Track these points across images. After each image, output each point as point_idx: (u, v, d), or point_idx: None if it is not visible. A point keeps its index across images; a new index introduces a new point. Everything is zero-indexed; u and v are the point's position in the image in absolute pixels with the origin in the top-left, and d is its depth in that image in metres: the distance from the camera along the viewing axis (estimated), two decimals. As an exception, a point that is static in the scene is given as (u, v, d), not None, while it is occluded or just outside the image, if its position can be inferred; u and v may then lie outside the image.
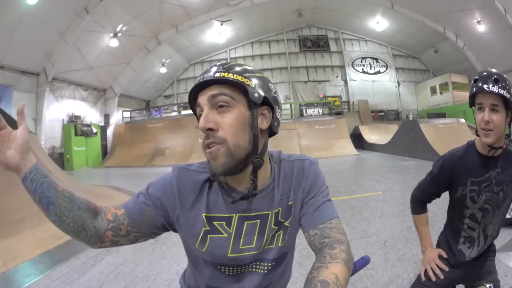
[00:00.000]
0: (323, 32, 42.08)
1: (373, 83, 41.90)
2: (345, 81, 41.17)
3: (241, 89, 1.35)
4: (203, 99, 1.34)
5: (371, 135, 30.51)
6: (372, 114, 39.55)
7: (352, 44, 42.43)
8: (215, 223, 1.42)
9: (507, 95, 2.01)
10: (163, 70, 36.25)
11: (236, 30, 36.56)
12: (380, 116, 39.70)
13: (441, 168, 2.35)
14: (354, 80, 41.43)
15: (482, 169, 2.22)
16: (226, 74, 1.33)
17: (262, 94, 1.39)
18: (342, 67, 41.55)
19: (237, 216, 1.43)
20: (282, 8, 35.03)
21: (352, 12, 37.11)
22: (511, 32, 28.52)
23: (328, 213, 1.45)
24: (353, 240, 6.00)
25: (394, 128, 27.34)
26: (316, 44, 41.45)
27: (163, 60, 35.24)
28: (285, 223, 1.51)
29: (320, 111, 30.91)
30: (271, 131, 1.50)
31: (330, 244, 1.31)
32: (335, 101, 37.82)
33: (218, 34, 35.52)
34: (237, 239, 1.43)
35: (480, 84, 2.05)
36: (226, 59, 39.59)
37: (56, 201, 1.31)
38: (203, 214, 1.42)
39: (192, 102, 1.45)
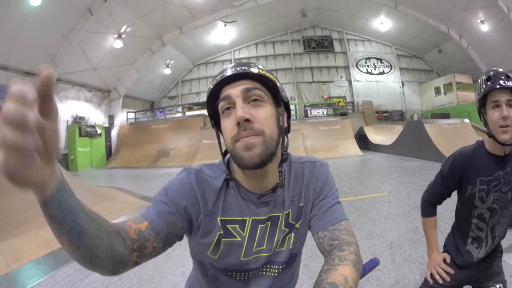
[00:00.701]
0: (327, 32, 42.24)
1: (378, 83, 42.05)
2: (350, 82, 41.31)
3: (270, 86, 1.39)
4: (235, 91, 1.33)
5: (375, 136, 30.58)
6: (377, 114, 39.71)
7: (356, 44, 42.61)
8: (228, 226, 1.41)
9: None
10: (167, 71, 36.47)
11: (241, 31, 36.73)
12: (385, 116, 39.90)
13: (451, 167, 2.34)
14: (358, 81, 41.59)
15: (491, 168, 2.21)
16: (262, 71, 1.36)
17: (286, 95, 1.46)
18: (347, 68, 41.72)
19: (250, 220, 1.42)
20: (286, 8, 35.10)
21: (356, 12, 37.25)
22: None
23: (337, 215, 1.46)
24: (360, 242, 5.83)
25: (398, 128, 27.31)
26: (321, 45, 41.64)
27: (168, 61, 35.42)
28: (296, 225, 1.50)
29: (325, 112, 31.17)
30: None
31: (339, 246, 1.31)
32: (339, 101, 37.98)
33: (222, 35, 35.67)
34: (251, 243, 1.43)
35: (494, 82, 2.04)
36: (231, 60, 39.98)
37: (89, 230, 0.98)
38: (218, 218, 1.40)
39: (211, 98, 1.42)
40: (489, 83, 2.07)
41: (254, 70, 1.35)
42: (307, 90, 40.68)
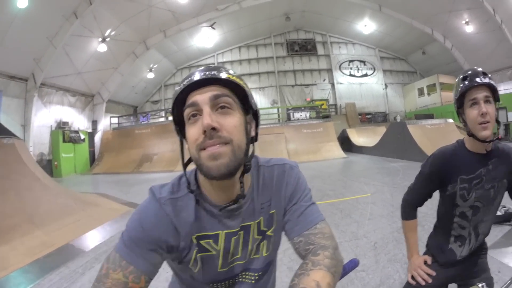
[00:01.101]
0: (310, 35, 42.56)
1: (361, 85, 42.49)
2: (332, 84, 41.69)
3: (239, 93, 1.34)
4: (202, 98, 1.27)
5: (358, 138, 30.83)
6: (360, 116, 40.01)
7: (340, 47, 43.04)
8: (202, 242, 1.39)
9: (496, 86, 2.07)
10: (150, 75, 36.25)
11: (224, 34, 36.75)
12: (368, 118, 40.19)
13: (431, 167, 2.34)
14: (341, 83, 41.94)
15: (472, 166, 2.22)
16: (231, 77, 1.31)
17: (255, 102, 1.41)
18: (330, 71, 42.06)
19: (223, 233, 1.41)
20: (270, 12, 35.18)
21: (340, 15, 37.48)
22: (500, 32, 29.05)
23: (312, 218, 1.44)
24: (343, 243, 6.03)
25: (382, 130, 27.45)
26: (304, 48, 41.85)
27: (151, 65, 35.22)
28: (268, 233, 1.50)
29: (308, 115, 31.33)
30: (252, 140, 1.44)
31: (314, 251, 1.31)
32: (322, 104, 38.24)
33: (206, 38, 35.69)
34: (226, 254, 1.42)
35: (471, 80, 2.07)
36: (214, 63, 39.64)
37: None
38: (193, 236, 1.38)
39: (178, 103, 1.34)
40: (466, 82, 2.09)
41: (223, 75, 1.30)
42: (290, 93, 40.92)
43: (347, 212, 8.40)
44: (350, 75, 42.66)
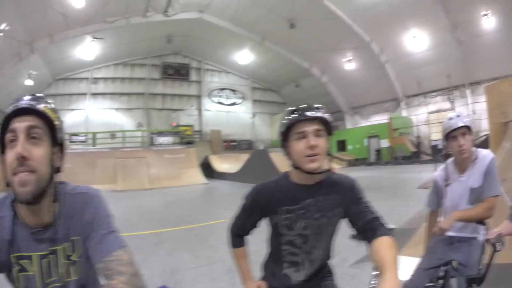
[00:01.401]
0: (187, 61, 43.23)
1: (228, 113, 44.34)
2: (200, 111, 42.95)
3: (50, 126, 1.45)
4: (20, 126, 1.36)
5: (221, 164, 31.76)
6: (225, 143, 41.14)
7: (212, 75, 44.50)
8: (21, 262, 1.47)
9: (330, 119, 2.07)
10: (29, 82, 33.01)
11: (105, 49, 35.89)
12: (233, 145, 41.41)
13: (252, 199, 2.36)
14: (208, 110, 43.55)
15: (298, 197, 2.19)
16: (45, 109, 1.43)
17: (64, 135, 1.56)
18: (199, 97, 43.53)
19: (36, 255, 1.48)
20: (154, 32, 35.13)
21: (220, 43, 38.63)
22: (382, 70, 32.17)
23: (109, 246, 1.47)
24: (198, 268, 6.30)
25: (245, 157, 28.09)
26: (178, 72, 42.61)
27: (30, 72, 32.40)
28: (73, 258, 1.55)
29: (171, 140, 32.07)
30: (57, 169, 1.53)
31: (110, 276, 1.35)
32: (186, 130, 38.69)
33: (87, 50, 34.81)
34: (42, 276, 1.50)
35: (300, 114, 2.04)
36: (88, 78, 39.24)
37: None
38: (12, 255, 1.45)
39: (3, 126, 1.41)
40: (294, 115, 2.06)
41: (40, 106, 1.40)
42: (157, 117, 41.47)
43: (203, 237, 8.77)
44: (219, 103, 44.46)
